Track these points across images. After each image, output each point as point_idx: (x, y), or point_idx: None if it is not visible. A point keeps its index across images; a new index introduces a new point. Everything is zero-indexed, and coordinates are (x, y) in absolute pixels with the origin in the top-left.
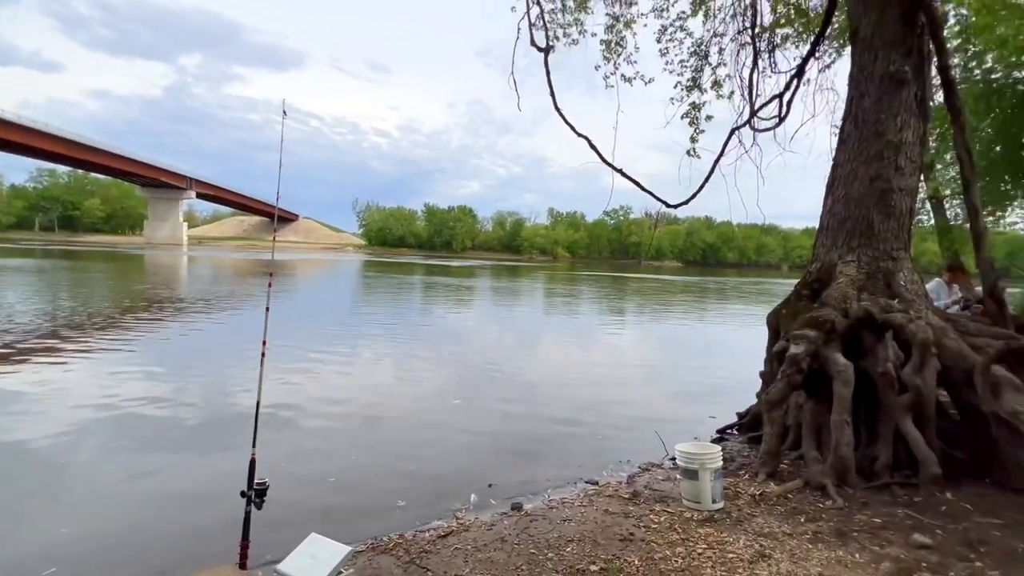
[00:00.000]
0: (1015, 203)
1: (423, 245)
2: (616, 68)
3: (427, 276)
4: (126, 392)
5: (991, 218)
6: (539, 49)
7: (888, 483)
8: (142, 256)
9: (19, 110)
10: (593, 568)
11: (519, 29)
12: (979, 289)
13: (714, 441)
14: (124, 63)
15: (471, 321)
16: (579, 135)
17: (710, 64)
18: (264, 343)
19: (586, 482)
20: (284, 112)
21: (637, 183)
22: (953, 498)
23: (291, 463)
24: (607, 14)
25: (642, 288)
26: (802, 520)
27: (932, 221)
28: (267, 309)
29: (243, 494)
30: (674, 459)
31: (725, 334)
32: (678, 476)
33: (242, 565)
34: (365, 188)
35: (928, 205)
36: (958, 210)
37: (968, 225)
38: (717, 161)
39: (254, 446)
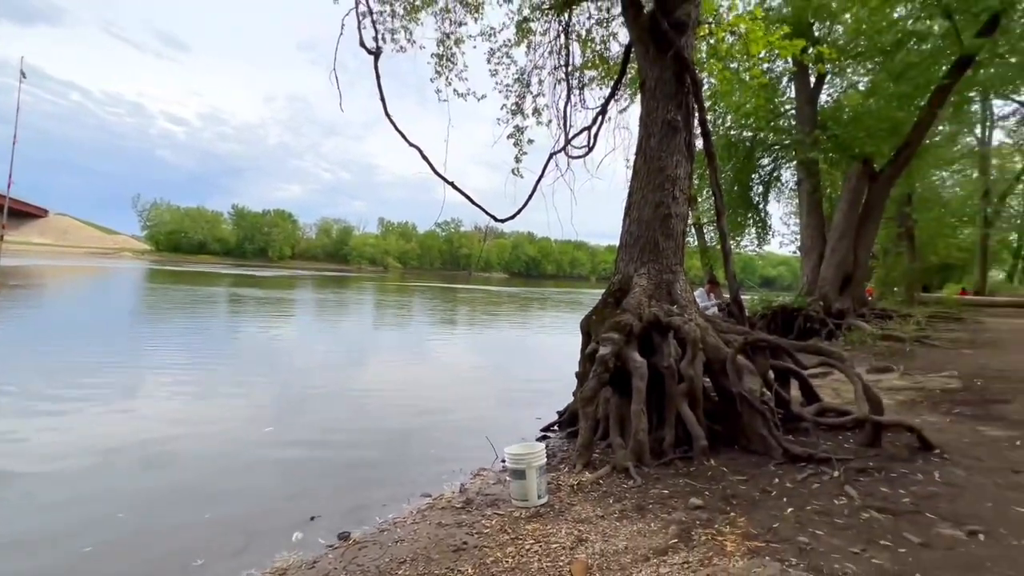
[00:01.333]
0: (747, 230)
1: (231, 252)
2: (448, 83)
3: (234, 288)
4: None
5: (733, 242)
6: (368, 51)
7: (672, 459)
8: None
9: None
10: None
11: (343, 25)
12: (726, 295)
13: (538, 440)
14: None
15: (288, 340)
16: (411, 144)
17: (531, 92)
18: None
19: (421, 496)
20: (23, 74)
21: (468, 196)
22: (715, 464)
23: (23, 538)
24: (437, 29)
25: (471, 299)
26: (611, 502)
27: (696, 242)
28: None
29: None
30: (504, 461)
31: (545, 340)
32: (507, 478)
33: None
34: (152, 183)
35: (693, 230)
36: (712, 234)
37: (719, 246)
38: (538, 182)
39: None
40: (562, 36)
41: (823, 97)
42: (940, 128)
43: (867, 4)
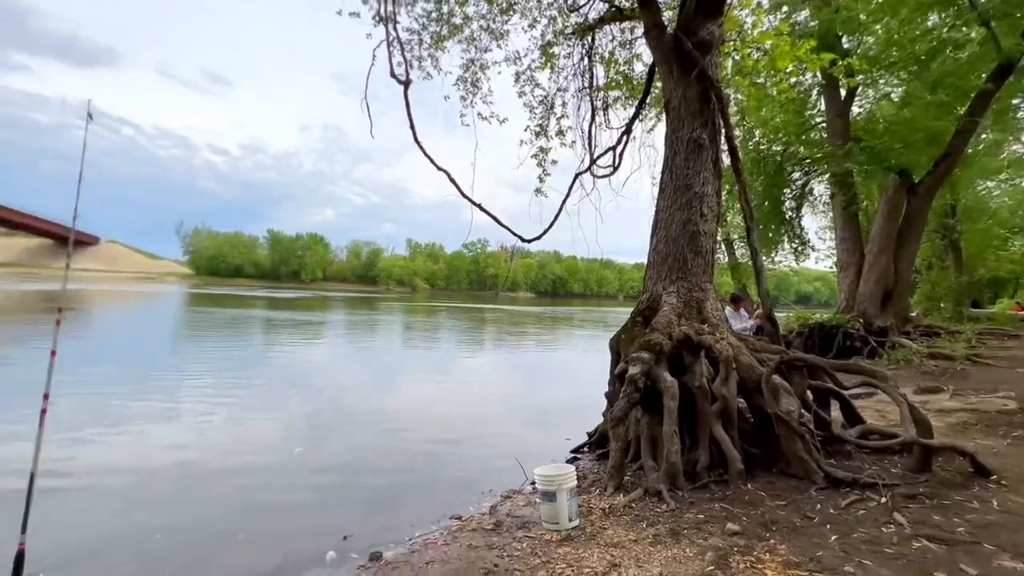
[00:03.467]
0: (779, 246)
1: (266, 275)
2: (472, 106)
3: (269, 311)
4: None
5: (766, 258)
6: (399, 81)
7: (707, 482)
8: None
9: None
10: None
11: (374, 56)
12: (759, 312)
13: (568, 462)
14: None
15: (320, 360)
16: (439, 169)
17: (555, 114)
18: (46, 397)
19: (450, 518)
20: (89, 116)
21: (495, 217)
22: (752, 488)
23: (66, 545)
24: (463, 56)
25: (499, 319)
26: (644, 526)
27: (726, 259)
28: (53, 353)
29: None
30: (534, 483)
31: (574, 359)
32: (537, 500)
33: None
34: (194, 211)
35: (723, 246)
36: (743, 250)
37: (751, 262)
38: (564, 202)
39: (23, 532)
40: (586, 59)
41: (855, 109)
42: (984, 136)
43: (897, 15)
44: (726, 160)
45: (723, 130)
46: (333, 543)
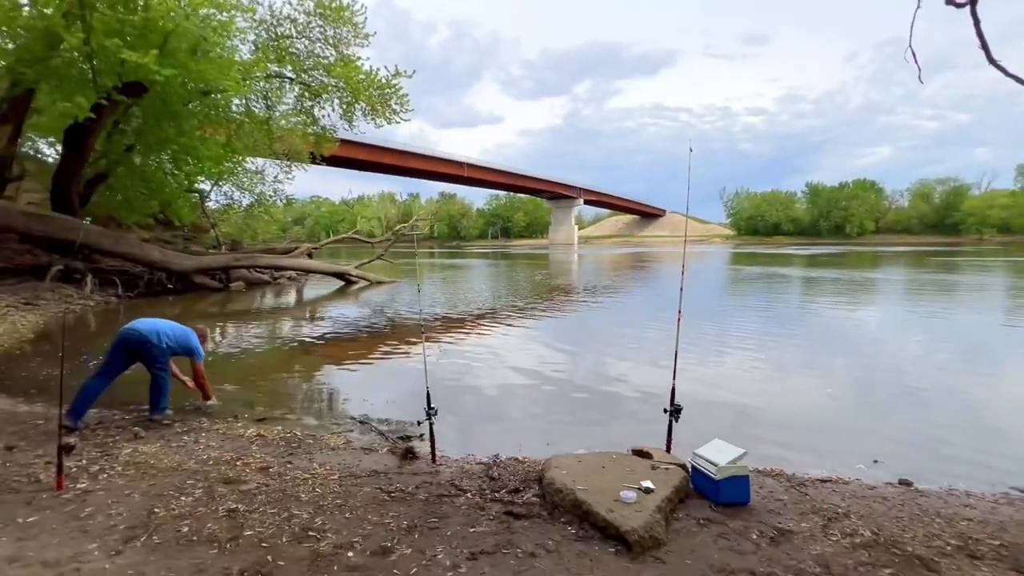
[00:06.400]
0: None
1: (804, 231)
2: None
3: (807, 269)
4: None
5: None
6: None
7: None
8: (547, 255)
9: (480, 155)
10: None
11: None
12: None
13: None
14: (538, 104)
15: (867, 322)
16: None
17: None
18: (680, 313)
19: (1017, 489)
20: (691, 149)
21: None
22: None
23: (698, 401)
24: None
25: None
26: None
27: None
28: (681, 289)
29: (665, 411)
30: None
31: None
32: None
33: (667, 449)
34: (736, 175)
35: None
36: None
37: None
38: None
39: (674, 378)
40: None
41: None
42: None
43: None
44: None
45: None
46: (864, 460)
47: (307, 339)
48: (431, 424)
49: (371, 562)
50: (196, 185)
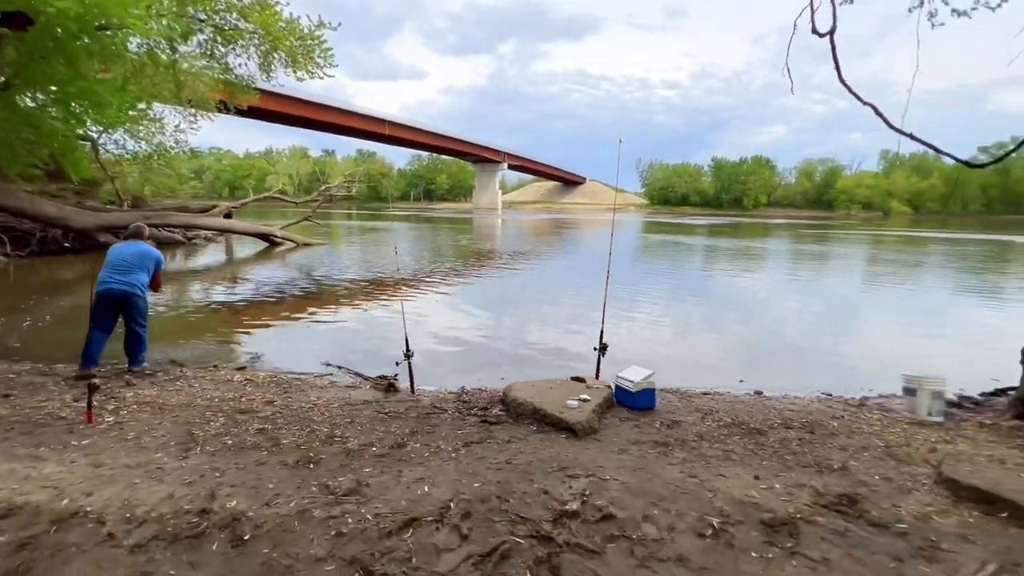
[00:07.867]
0: None
1: (709, 203)
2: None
3: (707, 239)
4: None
5: None
6: None
7: None
8: (471, 219)
9: (400, 112)
10: None
11: None
12: None
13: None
14: (463, 61)
15: (752, 286)
16: (864, 103)
17: None
18: (608, 272)
19: (824, 393)
20: (620, 140)
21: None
22: None
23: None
24: None
25: None
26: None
27: None
28: (610, 253)
29: (595, 348)
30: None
31: None
32: (899, 394)
33: (596, 376)
34: (651, 146)
35: None
36: None
37: None
38: None
39: (602, 323)
40: None
41: None
42: None
43: None
44: None
45: None
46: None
47: (249, 299)
48: (410, 363)
49: (392, 452)
50: (84, 132)
